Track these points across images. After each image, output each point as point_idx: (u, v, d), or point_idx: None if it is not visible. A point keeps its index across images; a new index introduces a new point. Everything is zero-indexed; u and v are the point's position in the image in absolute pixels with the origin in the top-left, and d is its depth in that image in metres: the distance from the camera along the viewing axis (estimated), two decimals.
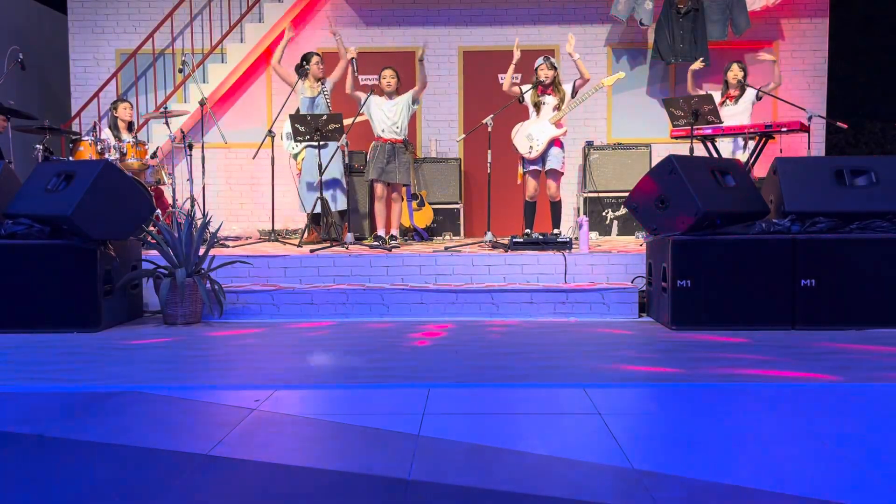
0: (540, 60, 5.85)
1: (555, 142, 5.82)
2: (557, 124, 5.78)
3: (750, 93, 6.32)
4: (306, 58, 6.38)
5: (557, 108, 5.80)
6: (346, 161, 6.20)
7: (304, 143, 6.29)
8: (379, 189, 6.12)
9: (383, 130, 6.03)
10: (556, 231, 5.93)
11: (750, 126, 5.94)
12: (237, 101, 8.23)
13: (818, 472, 2.06)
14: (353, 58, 6.00)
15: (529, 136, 5.85)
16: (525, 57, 6.04)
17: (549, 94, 5.84)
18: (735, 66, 6.35)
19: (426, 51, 5.96)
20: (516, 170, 6.10)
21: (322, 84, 6.42)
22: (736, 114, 6.28)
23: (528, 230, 5.95)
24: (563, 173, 5.90)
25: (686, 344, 3.91)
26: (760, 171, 6.50)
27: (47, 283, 4.34)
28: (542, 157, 5.85)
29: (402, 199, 6.31)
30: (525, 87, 5.89)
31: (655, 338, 4.11)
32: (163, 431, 2.45)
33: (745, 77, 6.36)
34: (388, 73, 6.07)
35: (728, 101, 6.36)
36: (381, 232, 6.16)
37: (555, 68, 5.85)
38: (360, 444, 2.31)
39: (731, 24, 7.57)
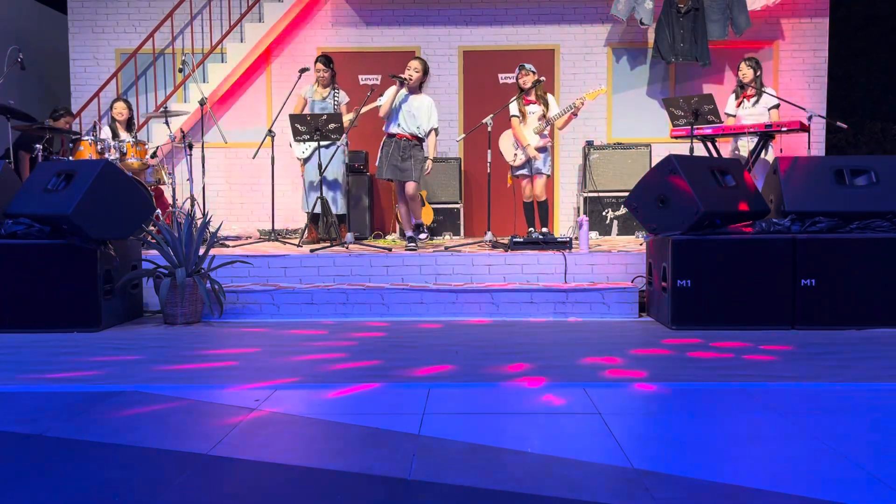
0: (517, 69, 5.91)
1: (539, 149, 5.89)
2: (540, 134, 5.85)
3: (768, 99, 6.25)
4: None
5: (541, 117, 5.84)
6: (347, 161, 6.18)
7: (311, 145, 6.27)
8: (398, 190, 5.88)
9: (399, 125, 5.68)
10: (544, 229, 6.01)
11: (749, 126, 5.94)
12: (237, 101, 8.23)
13: (818, 472, 2.06)
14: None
15: (515, 144, 5.97)
16: (523, 56, 6.05)
17: (535, 104, 5.89)
18: (743, 65, 6.30)
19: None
20: None
21: (333, 91, 6.42)
22: (753, 114, 6.23)
23: (531, 228, 6.04)
24: (549, 175, 6.00)
25: (686, 344, 3.91)
26: None
27: (47, 283, 4.34)
28: (529, 162, 5.89)
29: (412, 195, 5.88)
30: (512, 99, 5.96)
31: (655, 338, 4.11)
32: (163, 431, 2.45)
33: (758, 74, 6.28)
34: (415, 63, 5.68)
35: (746, 100, 6.32)
36: (408, 232, 5.84)
37: (533, 73, 5.86)
38: (360, 444, 2.31)
39: (732, 23, 7.57)
